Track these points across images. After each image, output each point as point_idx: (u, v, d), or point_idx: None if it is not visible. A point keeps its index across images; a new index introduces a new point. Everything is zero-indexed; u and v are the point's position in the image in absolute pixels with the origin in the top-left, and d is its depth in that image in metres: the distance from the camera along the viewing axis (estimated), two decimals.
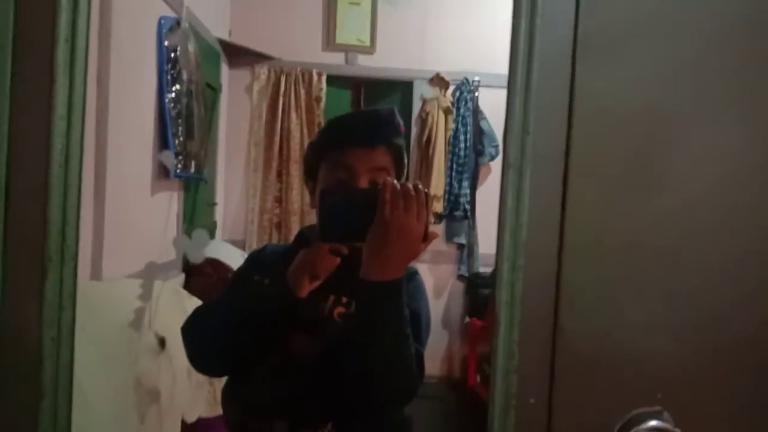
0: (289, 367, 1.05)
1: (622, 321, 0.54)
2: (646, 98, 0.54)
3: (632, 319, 0.54)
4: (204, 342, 1.05)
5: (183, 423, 1.78)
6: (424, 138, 3.44)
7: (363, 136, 1.08)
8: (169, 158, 2.10)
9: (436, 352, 3.51)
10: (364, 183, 1.03)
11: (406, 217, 0.88)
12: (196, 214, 2.83)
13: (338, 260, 1.02)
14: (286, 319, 1.04)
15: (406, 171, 1.13)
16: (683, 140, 0.54)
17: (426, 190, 0.90)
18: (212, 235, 3.18)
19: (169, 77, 2.12)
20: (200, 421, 1.88)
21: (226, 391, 1.13)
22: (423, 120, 3.47)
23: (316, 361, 1.02)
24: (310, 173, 1.15)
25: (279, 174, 3.53)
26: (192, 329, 1.07)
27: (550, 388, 0.54)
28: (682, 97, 0.55)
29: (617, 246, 0.54)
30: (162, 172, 2.15)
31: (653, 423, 0.55)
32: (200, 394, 1.91)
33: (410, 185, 0.90)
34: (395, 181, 0.91)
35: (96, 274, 1.74)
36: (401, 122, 1.14)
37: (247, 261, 1.22)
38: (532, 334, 0.53)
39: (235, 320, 1.04)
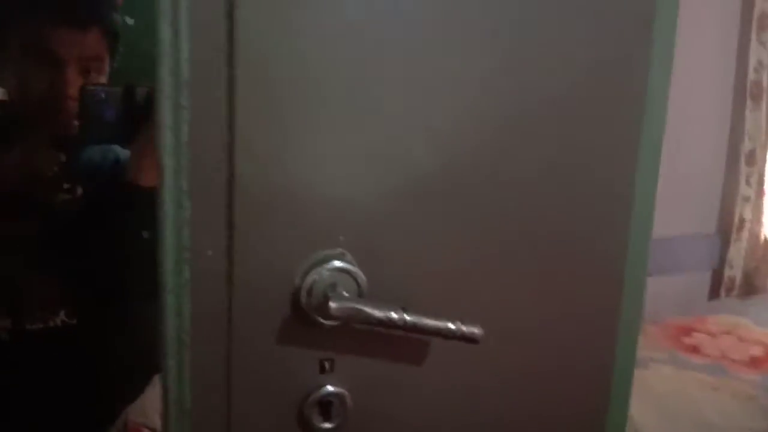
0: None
1: (299, 159, 0.52)
2: None
3: (308, 156, 0.52)
4: None
5: None
6: None
7: (69, 10, 0.92)
8: None
9: None
10: (72, 75, 0.90)
11: None
12: None
13: (63, 157, 0.92)
14: None
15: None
16: None
17: None
18: None
19: None
20: None
21: None
22: None
23: (35, 248, 0.93)
24: None
25: None
26: None
27: (229, 238, 0.52)
28: None
29: (291, 72, 0.50)
30: None
31: (336, 264, 0.55)
32: None
33: None
34: None
35: None
36: None
37: None
38: (202, 182, 0.49)
39: None
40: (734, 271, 2.41)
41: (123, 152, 1.00)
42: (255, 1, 0.48)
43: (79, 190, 0.98)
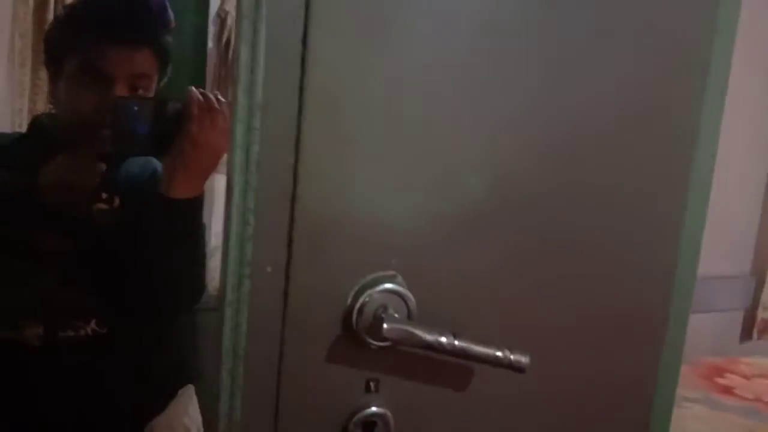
0: (39, 268, 0.96)
1: (359, 184, 0.54)
2: None
3: (369, 184, 0.54)
4: None
5: None
6: (224, 40, 3.23)
7: (123, 31, 0.95)
8: None
9: None
10: (122, 92, 0.93)
11: (213, 132, 0.84)
12: None
13: (104, 167, 0.94)
14: (31, 220, 0.94)
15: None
16: (425, 3, 0.54)
17: (225, 100, 0.85)
18: None
19: None
20: None
21: None
22: (222, 19, 3.24)
23: (70, 259, 0.95)
24: (52, 59, 1.00)
25: None
26: None
27: (288, 256, 0.53)
28: None
29: (357, 107, 0.53)
30: None
31: (387, 286, 0.57)
32: None
33: (212, 96, 0.85)
34: (199, 93, 0.85)
35: None
36: (172, 15, 1.02)
37: None
38: (268, 201, 0.51)
39: None
40: (767, 313, 2.37)
41: (160, 164, 1.01)
42: (329, 30, 0.51)
43: (117, 201, 0.99)
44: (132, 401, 1.04)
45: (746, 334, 2.38)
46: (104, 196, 0.98)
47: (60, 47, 0.98)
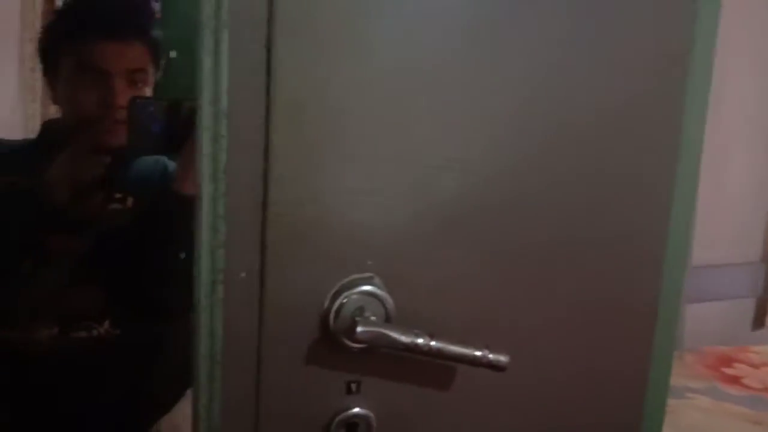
0: (49, 269, 0.98)
1: (331, 188, 0.54)
2: None
3: (341, 187, 0.54)
4: None
5: None
6: None
7: (111, 26, 0.97)
8: None
9: None
10: (121, 86, 0.95)
11: None
12: None
13: (108, 159, 0.96)
14: (44, 222, 0.96)
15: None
16: (392, 3, 0.54)
17: None
18: None
19: None
20: None
21: None
22: None
23: (84, 260, 0.97)
24: (48, 64, 1.02)
25: None
26: None
27: (262, 261, 0.53)
28: None
29: (325, 111, 0.53)
30: None
31: (364, 288, 0.57)
32: None
33: None
34: None
35: None
36: (157, 7, 1.04)
37: None
38: (238, 207, 0.51)
39: None
40: None
41: (171, 163, 1.03)
42: (294, 34, 0.50)
43: (130, 201, 1.01)
44: (141, 401, 1.06)
45: (758, 321, 2.35)
46: (118, 195, 1.00)
47: (54, 51, 1.00)
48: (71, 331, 0.98)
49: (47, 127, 1.09)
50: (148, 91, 0.99)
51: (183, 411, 1.14)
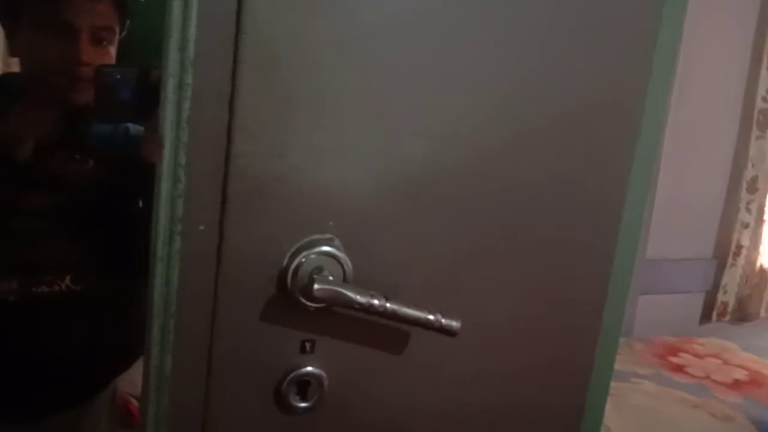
0: (9, 224, 0.97)
1: (298, 144, 0.54)
2: None
3: (308, 143, 0.54)
4: None
5: None
6: None
7: None
8: None
9: None
10: (85, 43, 0.93)
11: None
12: None
13: (68, 116, 0.94)
14: (4, 176, 0.94)
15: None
16: None
17: None
18: None
19: None
20: None
21: None
22: None
23: (47, 217, 0.96)
24: (7, 12, 0.99)
25: None
26: None
27: (221, 214, 0.53)
28: None
29: (298, 65, 0.52)
30: None
31: (324, 248, 0.57)
32: None
33: None
34: None
35: None
36: None
37: None
38: (200, 158, 0.51)
39: None
40: (728, 296, 2.42)
41: (134, 126, 1.02)
42: (259, 6, 0.50)
43: (91, 162, 1.00)
44: (101, 357, 1.07)
45: (706, 316, 2.43)
46: (77, 157, 0.99)
47: (14, 3, 0.97)
48: (32, 285, 0.97)
49: (4, 80, 1.06)
50: (112, 51, 0.98)
51: (141, 369, 1.14)
